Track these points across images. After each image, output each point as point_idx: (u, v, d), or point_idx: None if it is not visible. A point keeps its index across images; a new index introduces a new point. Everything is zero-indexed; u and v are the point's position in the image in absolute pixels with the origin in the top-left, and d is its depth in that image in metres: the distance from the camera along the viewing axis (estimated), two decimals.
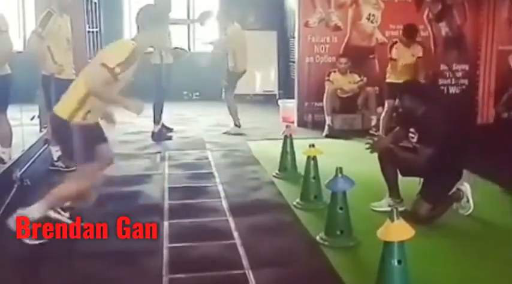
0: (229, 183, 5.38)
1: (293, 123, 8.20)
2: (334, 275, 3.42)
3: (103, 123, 4.10)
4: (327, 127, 7.64)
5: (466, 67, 8.53)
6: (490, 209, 4.59)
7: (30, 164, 5.65)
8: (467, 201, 4.44)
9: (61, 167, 5.57)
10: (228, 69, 7.79)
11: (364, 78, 7.79)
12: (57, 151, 5.55)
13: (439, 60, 8.44)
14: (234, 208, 4.63)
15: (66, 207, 4.06)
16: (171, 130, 7.83)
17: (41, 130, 6.58)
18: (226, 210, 4.59)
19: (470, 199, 4.44)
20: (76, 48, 6.12)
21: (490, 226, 4.34)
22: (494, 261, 3.65)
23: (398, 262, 2.78)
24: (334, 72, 7.81)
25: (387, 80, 7.22)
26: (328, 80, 7.78)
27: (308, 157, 4.74)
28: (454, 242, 4.00)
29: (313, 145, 4.79)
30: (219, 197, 4.94)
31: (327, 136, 7.55)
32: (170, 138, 7.46)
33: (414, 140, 4.39)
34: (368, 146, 4.45)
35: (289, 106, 8.70)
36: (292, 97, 8.68)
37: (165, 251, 3.73)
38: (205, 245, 3.86)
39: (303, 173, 4.82)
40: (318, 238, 3.94)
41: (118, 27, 10.85)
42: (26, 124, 6.22)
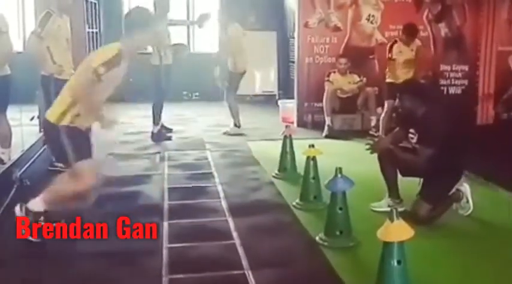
0: (229, 183, 5.38)
1: (293, 123, 8.19)
2: (333, 276, 3.42)
3: (98, 125, 3.96)
4: (326, 128, 7.63)
5: (465, 68, 8.52)
6: (490, 209, 4.59)
7: (30, 164, 5.66)
8: (467, 201, 4.44)
9: (60, 167, 5.55)
10: (229, 69, 7.77)
11: (364, 79, 7.79)
12: None
13: (438, 60, 8.45)
14: (233, 208, 4.62)
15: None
16: (170, 130, 7.82)
17: (40, 131, 6.54)
18: (225, 210, 4.59)
19: (470, 200, 4.44)
20: (75, 48, 6.13)
21: (490, 226, 4.34)
22: (494, 261, 3.65)
23: (398, 262, 2.77)
24: (334, 72, 7.80)
25: (387, 80, 7.23)
26: (327, 81, 7.78)
27: (308, 158, 4.74)
28: (453, 242, 3.99)
29: (312, 146, 4.79)
30: (219, 197, 4.94)
31: (326, 136, 7.54)
32: (170, 138, 7.45)
33: (414, 140, 4.39)
34: (368, 147, 4.44)
35: (289, 106, 8.70)
36: (292, 98, 8.67)
37: (165, 252, 3.73)
38: (205, 246, 3.86)
39: (302, 173, 4.82)
40: (317, 238, 3.94)
41: (118, 27, 10.68)
42: (25, 125, 6.23)
